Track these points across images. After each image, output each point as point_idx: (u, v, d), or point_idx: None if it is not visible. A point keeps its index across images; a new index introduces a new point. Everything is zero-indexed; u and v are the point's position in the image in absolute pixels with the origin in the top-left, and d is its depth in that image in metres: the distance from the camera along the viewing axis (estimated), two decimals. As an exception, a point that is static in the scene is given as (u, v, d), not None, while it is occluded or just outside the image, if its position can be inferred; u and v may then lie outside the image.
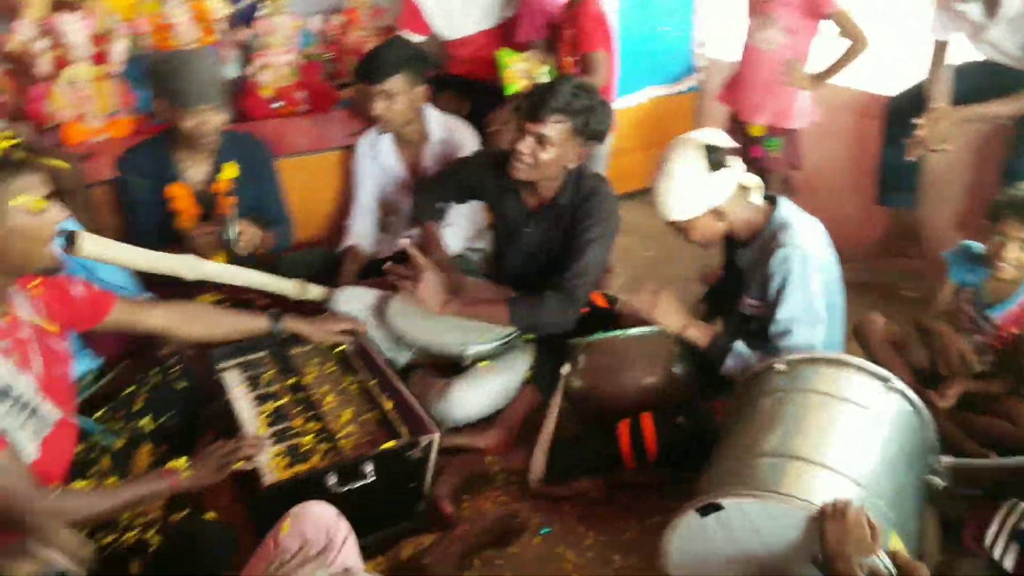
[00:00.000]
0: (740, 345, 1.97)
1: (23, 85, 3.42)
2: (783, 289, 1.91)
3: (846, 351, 1.98)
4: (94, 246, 1.96)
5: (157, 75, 2.38)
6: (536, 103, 2.14)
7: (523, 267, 2.41)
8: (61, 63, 3.43)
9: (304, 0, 4.16)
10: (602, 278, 2.45)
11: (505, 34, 3.23)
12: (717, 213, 1.97)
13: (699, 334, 2.02)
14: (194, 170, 2.48)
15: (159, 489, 1.59)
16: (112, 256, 2.05)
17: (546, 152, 2.15)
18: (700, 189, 1.94)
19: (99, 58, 3.50)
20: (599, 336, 2.12)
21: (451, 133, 2.75)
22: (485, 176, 2.41)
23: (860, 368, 1.75)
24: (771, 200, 2.04)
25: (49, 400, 1.60)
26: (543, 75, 2.76)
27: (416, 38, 3.15)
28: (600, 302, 2.30)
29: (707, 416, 2.01)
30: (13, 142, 1.48)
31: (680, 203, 1.96)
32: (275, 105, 3.73)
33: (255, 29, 3.77)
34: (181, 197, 2.45)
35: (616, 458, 2.01)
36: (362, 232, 2.80)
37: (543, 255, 2.34)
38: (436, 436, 1.86)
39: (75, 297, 1.78)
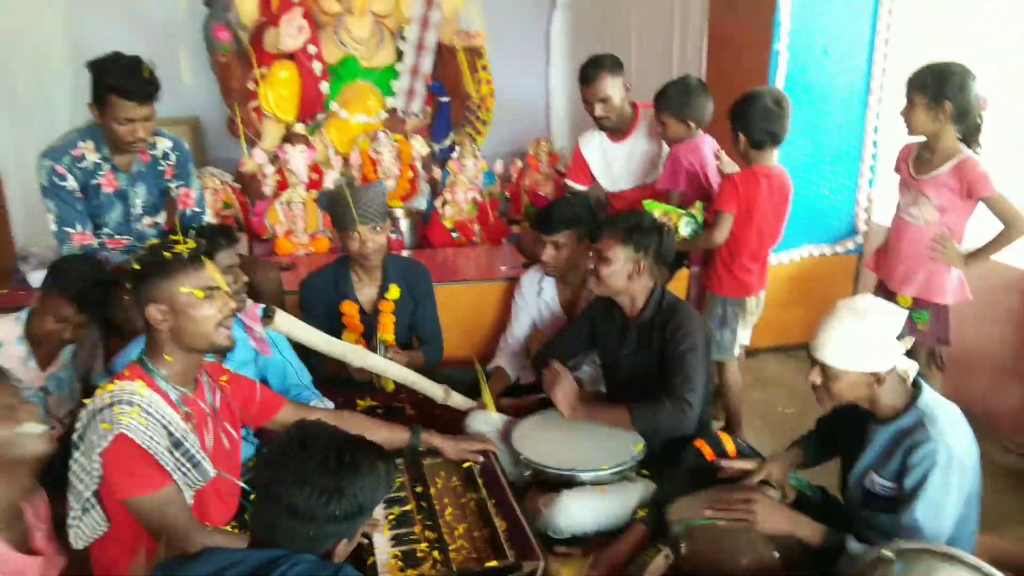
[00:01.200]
0: (854, 544, 1.92)
1: (249, 202, 4.05)
2: (921, 485, 1.86)
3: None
4: (285, 322, 2.36)
5: (330, 203, 2.80)
6: (597, 228, 2.59)
7: (626, 391, 2.58)
8: (282, 186, 4.05)
9: (494, 144, 4.68)
10: (708, 388, 2.55)
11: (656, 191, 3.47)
12: (874, 378, 1.92)
13: (809, 532, 1.98)
14: (365, 290, 2.87)
15: None
16: (298, 333, 2.41)
17: (607, 267, 2.48)
18: (877, 346, 1.90)
19: (313, 184, 4.10)
20: (700, 523, 2.10)
21: None
22: (596, 315, 2.70)
23: (974, 567, 1.68)
24: (914, 384, 2.00)
25: (210, 461, 1.92)
26: (682, 221, 2.96)
27: (580, 188, 3.45)
28: (707, 454, 2.34)
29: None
30: (192, 246, 1.90)
31: (850, 349, 1.90)
32: (454, 235, 4.16)
33: (448, 168, 4.26)
34: (349, 313, 2.83)
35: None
36: (510, 357, 3.03)
37: (640, 373, 2.54)
38: (541, 564, 1.98)
39: (253, 397, 2.13)
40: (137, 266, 1.90)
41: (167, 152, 2.89)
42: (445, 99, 4.53)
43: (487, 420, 2.68)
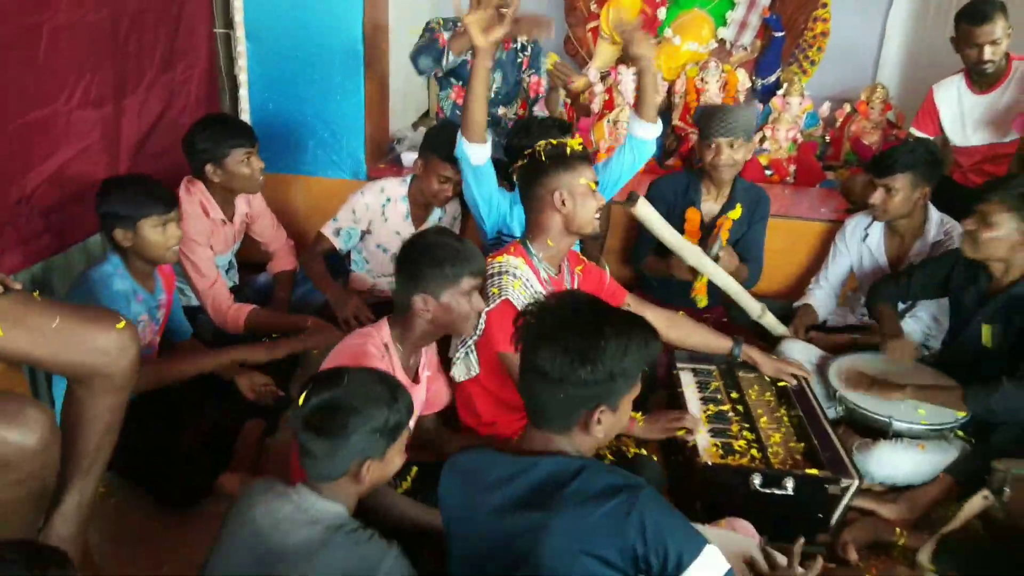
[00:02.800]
0: None
1: (576, 117, 4.33)
2: None
3: None
4: (644, 208, 2.62)
5: (702, 113, 2.97)
6: (986, 191, 2.40)
7: (974, 358, 2.50)
8: (608, 105, 4.27)
9: (815, 86, 4.56)
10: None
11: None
12: None
13: None
14: (709, 203, 3.04)
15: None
16: (651, 222, 2.66)
17: (988, 232, 2.34)
18: None
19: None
20: None
21: (949, 237, 2.86)
22: (954, 269, 2.59)
23: None
24: None
25: None
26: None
27: (924, 137, 3.32)
28: None
29: None
30: (578, 141, 2.23)
31: None
32: (767, 172, 4.17)
33: (772, 104, 4.24)
34: (692, 220, 3.03)
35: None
36: (821, 298, 3.07)
37: (990, 345, 2.42)
38: (856, 482, 2.09)
39: (603, 285, 2.41)
40: (543, 157, 2.21)
41: (524, 44, 3.24)
42: (779, 34, 4.46)
43: (805, 349, 2.77)
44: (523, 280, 2.22)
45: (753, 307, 2.82)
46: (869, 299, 2.82)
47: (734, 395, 2.49)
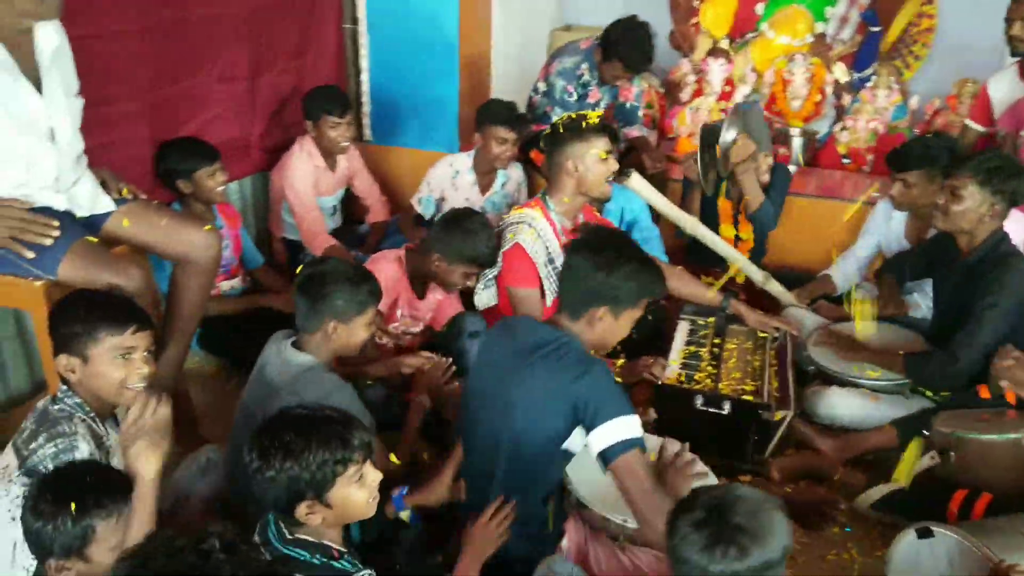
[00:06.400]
0: None
1: (667, 105, 4.68)
2: None
3: None
4: (638, 183, 2.96)
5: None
6: (957, 164, 2.52)
7: (940, 324, 2.67)
8: (697, 94, 4.59)
9: (926, 82, 4.58)
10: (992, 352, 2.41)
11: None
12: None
13: None
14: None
15: None
16: (646, 194, 3.01)
17: (957, 204, 2.46)
18: None
19: (724, 96, 4.57)
20: (974, 436, 2.17)
21: None
22: (940, 242, 2.72)
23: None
24: None
25: None
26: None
27: (979, 128, 3.40)
28: (983, 393, 2.34)
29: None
30: (598, 115, 2.58)
31: None
32: (845, 161, 4.32)
33: (859, 95, 4.38)
34: (724, 210, 3.45)
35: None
36: (843, 268, 3.26)
37: (953, 312, 2.56)
38: (789, 414, 2.39)
39: None
40: (561, 128, 2.66)
41: None
42: (876, 29, 4.56)
43: (805, 316, 3.03)
44: (537, 230, 2.69)
45: (756, 275, 3.09)
46: (879, 271, 3.01)
47: (716, 341, 2.82)
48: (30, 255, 1.95)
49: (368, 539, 1.82)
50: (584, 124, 2.61)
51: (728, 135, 3.16)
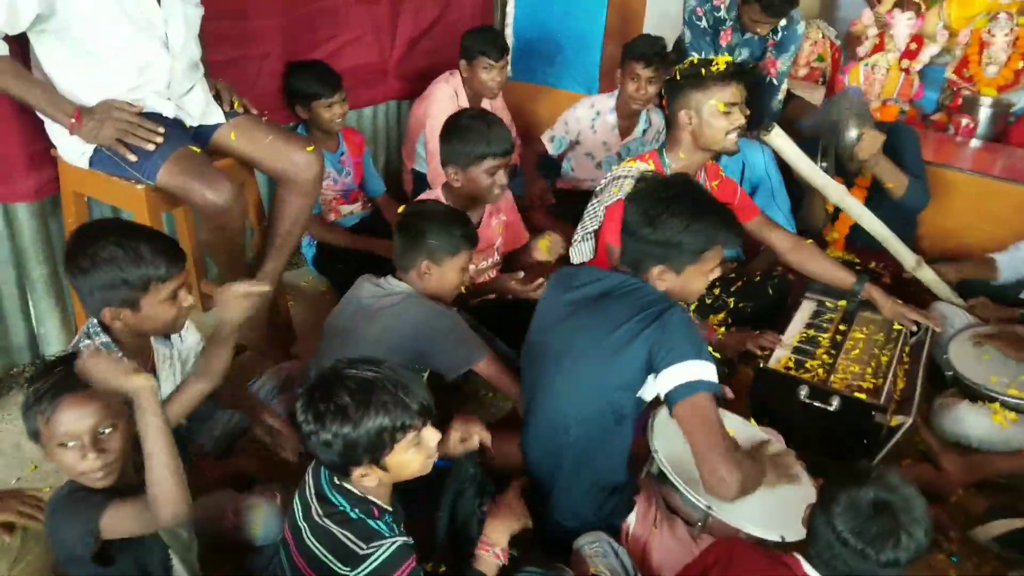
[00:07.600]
0: None
1: (841, 61, 4.24)
2: None
3: None
4: (779, 138, 2.64)
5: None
6: None
7: None
8: (877, 48, 4.11)
9: None
10: None
11: None
12: None
13: None
14: None
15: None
16: (787, 152, 2.68)
17: None
18: None
19: (908, 54, 4.07)
20: None
21: None
22: None
23: None
24: None
25: None
26: None
27: None
28: None
29: None
30: (727, 59, 2.31)
31: None
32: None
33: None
34: None
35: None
36: (1014, 260, 2.82)
37: None
38: (908, 420, 2.10)
39: (734, 200, 2.55)
40: (678, 76, 2.42)
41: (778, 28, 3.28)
42: (1107, -12, 3.88)
43: (956, 312, 2.66)
44: (645, 183, 2.49)
45: (907, 258, 2.72)
46: None
47: (842, 327, 2.52)
48: (132, 158, 2.00)
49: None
50: (704, 72, 2.34)
51: (851, 134, 2.79)
